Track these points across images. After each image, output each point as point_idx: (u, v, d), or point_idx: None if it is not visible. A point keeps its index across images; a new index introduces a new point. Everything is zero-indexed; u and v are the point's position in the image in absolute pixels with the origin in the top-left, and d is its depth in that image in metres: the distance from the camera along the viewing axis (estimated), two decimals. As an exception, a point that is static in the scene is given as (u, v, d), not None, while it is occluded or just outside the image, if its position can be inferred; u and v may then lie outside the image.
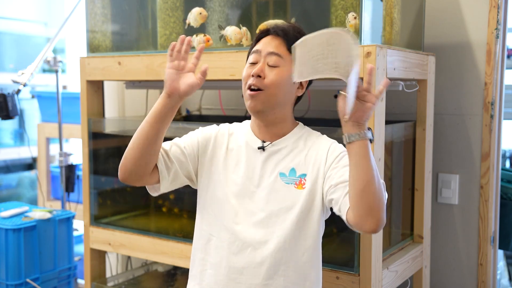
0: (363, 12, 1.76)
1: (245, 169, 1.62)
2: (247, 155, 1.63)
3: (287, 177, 1.59)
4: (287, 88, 1.58)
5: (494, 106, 2.24)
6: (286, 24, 1.63)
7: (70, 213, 2.75)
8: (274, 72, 1.55)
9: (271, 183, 1.59)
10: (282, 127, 1.63)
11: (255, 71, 1.54)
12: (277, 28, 1.59)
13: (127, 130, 2.49)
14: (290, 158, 1.60)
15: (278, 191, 1.58)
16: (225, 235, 1.59)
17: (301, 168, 1.59)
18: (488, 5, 2.22)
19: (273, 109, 1.58)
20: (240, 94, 2.63)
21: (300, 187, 1.57)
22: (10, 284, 2.50)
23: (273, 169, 1.60)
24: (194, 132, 1.71)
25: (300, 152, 1.61)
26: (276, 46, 1.57)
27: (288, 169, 1.59)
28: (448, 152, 2.36)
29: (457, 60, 2.32)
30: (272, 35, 1.59)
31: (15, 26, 5.13)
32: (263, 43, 1.59)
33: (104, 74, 2.35)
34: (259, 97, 1.55)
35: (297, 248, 1.56)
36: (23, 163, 5.17)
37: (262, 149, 1.62)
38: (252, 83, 1.54)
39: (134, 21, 2.41)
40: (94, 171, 2.46)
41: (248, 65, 1.60)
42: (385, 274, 1.87)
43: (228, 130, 1.70)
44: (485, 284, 2.29)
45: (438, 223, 2.38)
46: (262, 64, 1.56)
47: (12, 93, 2.67)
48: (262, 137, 1.64)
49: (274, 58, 1.56)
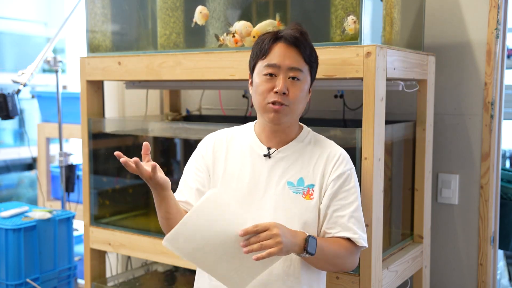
0: (363, 12, 1.76)
1: (250, 177, 1.60)
2: (252, 161, 1.62)
3: (295, 187, 1.58)
4: (306, 99, 1.61)
5: (494, 106, 2.24)
6: (295, 30, 1.57)
7: (70, 213, 2.75)
8: (296, 87, 1.55)
9: (279, 192, 1.58)
10: (289, 132, 1.63)
11: (281, 89, 1.52)
12: (291, 37, 1.55)
13: (127, 130, 2.50)
14: (298, 167, 1.60)
15: (285, 200, 1.57)
16: None
17: (309, 178, 1.58)
18: (488, 5, 2.22)
19: (292, 119, 1.60)
20: (240, 94, 2.64)
21: (308, 197, 1.57)
22: (10, 284, 2.50)
23: (280, 177, 1.59)
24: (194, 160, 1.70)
25: (308, 161, 1.60)
26: (296, 60, 1.55)
27: (296, 179, 1.59)
28: (448, 152, 2.36)
29: (457, 60, 2.32)
30: (285, 44, 1.55)
31: (15, 26, 5.13)
32: (280, 55, 1.54)
33: (104, 74, 2.35)
34: (284, 112, 1.55)
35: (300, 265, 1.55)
36: (23, 163, 5.17)
37: (268, 157, 1.61)
38: (278, 100, 1.53)
39: (134, 21, 2.41)
40: (94, 171, 2.46)
41: (263, 77, 1.56)
42: (385, 274, 1.87)
43: (227, 135, 1.69)
44: (485, 284, 2.29)
45: (438, 223, 2.38)
46: (283, 79, 1.54)
47: (12, 93, 2.67)
48: (268, 143, 1.63)
49: (295, 73, 1.55)
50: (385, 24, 1.93)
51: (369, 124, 1.72)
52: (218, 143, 1.68)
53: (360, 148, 1.74)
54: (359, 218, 1.57)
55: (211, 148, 1.68)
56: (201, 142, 1.72)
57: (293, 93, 1.54)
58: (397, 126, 2.07)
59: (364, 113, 1.73)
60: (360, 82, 1.75)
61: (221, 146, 1.67)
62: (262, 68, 1.56)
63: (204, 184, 1.66)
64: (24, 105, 4.69)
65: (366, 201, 1.74)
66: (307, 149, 1.62)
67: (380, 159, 1.77)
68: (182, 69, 2.10)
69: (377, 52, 1.70)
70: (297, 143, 1.63)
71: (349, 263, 1.57)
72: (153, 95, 3.00)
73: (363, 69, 1.70)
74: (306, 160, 1.60)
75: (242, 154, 1.64)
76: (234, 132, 1.71)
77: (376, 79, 1.70)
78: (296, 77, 1.55)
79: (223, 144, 1.67)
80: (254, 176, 1.60)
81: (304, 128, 1.68)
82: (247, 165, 1.62)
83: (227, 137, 1.69)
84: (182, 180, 1.70)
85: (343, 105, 2.40)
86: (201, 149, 1.70)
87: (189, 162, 1.71)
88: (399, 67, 1.87)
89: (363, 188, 1.74)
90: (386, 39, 1.93)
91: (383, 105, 1.77)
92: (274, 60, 1.54)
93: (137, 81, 2.43)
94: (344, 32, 1.80)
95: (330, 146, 1.63)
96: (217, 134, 1.72)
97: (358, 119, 1.92)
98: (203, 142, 1.72)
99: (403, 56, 1.91)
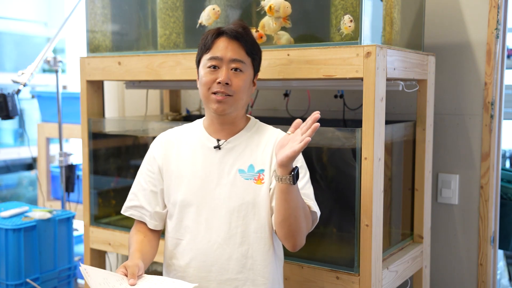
0: (363, 12, 1.76)
1: (202, 170, 1.68)
2: (203, 154, 1.69)
3: (246, 173, 1.66)
4: (249, 90, 1.69)
5: (494, 106, 2.24)
6: (237, 26, 1.66)
7: (70, 213, 2.75)
8: (239, 78, 1.64)
9: (231, 180, 1.65)
10: (237, 124, 1.71)
11: (224, 79, 1.61)
12: (232, 31, 1.64)
13: (127, 130, 2.49)
14: (248, 154, 1.68)
15: (238, 187, 1.65)
16: (190, 237, 1.66)
17: (259, 164, 1.66)
18: (488, 5, 2.22)
19: (237, 110, 1.67)
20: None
21: (260, 182, 1.65)
22: (10, 284, 2.50)
23: (232, 166, 1.67)
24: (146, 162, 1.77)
25: (256, 148, 1.68)
26: (238, 52, 1.64)
27: (246, 166, 1.66)
28: (448, 152, 2.36)
29: (457, 60, 2.32)
30: (228, 38, 1.64)
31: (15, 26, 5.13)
32: (222, 48, 1.63)
33: (104, 74, 2.35)
34: (228, 102, 1.63)
35: (261, 241, 1.64)
36: (23, 163, 5.17)
37: (218, 148, 1.68)
38: (221, 90, 1.62)
39: (134, 21, 2.41)
40: (94, 171, 2.46)
41: (207, 69, 1.64)
42: (385, 274, 1.87)
43: (176, 134, 1.77)
44: (485, 284, 2.29)
45: (438, 223, 2.38)
46: (226, 71, 1.62)
47: (12, 93, 2.67)
48: (217, 136, 1.70)
49: (237, 65, 1.63)
50: (385, 24, 1.93)
51: (369, 124, 1.72)
52: (168, 143, 1.75)
53: (360, 148, 1.74)
54: (310, 190, 1.65)
55: (162, 148, 1.75)
56: (152, 144, 1.79)
57: (236, 84, 1.62)
58: (397, 126, 2.07)
59: (364, 113, 1.73)
60: (360, 82, 1.75)
61: (171, 145, 1.75)
62: (206, 61, 1.65)
63: (156, 185, 1.73)
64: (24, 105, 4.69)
65: (366, 201, 1.74)
66: (254, 137, 1.70)
67: (380, 159, 1.77)
68: (182, 69, 2.11)
69: (377, 52, 1.70)
70: (245, 132, 1.71)
71: (305, 225, 1.59)
72: (153, 95, 3.00)
73: (363, 69, 1.70)
74: (254, 147, 1.68)
75: (192, 149, 1.72)
76: (184, 129, 1.78)
77: (376, 79, 1.70)
78: (239, 69, 1.63)
79: (173, 142, 1.75)
80: (205, 168, 1.68)
81: (252, 119, 1.76)
82: (198, 159, 1.69)
83: (176, 136, 1.76)
84: (136, 182, 1.77)
85: (343, 105, 2.40)
86: (152, 151, 1.76)
87: (142, 164, 1.78)
88: (399, 67, 1.87)
89: (363, 188, 1.74)
90: (386, 39, 1.93)
91: (383, 105, 1.77)
92: (217, 53, 1.63)
93: (137, 81, 2.43)
94: (340, 31, 1.80)
95: (275, 132, 1.72)
96: (166, 134, 1.79)
97: (358, 119, 1.93)
98: (153, 144, 1.78)
99: (403, 56, 1.91)
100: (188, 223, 1.67)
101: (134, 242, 1.70)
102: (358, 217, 1.76)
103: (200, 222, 1.65)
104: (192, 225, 1.66)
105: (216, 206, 1.65)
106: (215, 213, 1.65)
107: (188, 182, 1.68)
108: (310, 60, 1.80)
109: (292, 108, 2.54)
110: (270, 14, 1.88)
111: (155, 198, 1.73)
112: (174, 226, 1.70)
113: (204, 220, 1.65)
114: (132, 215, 1.76)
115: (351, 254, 1.82)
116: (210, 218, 1.65)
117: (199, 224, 1.65)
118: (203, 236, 1.65)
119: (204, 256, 1.64)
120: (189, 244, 1.66)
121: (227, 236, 1.63)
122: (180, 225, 1.68)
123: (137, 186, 1.77)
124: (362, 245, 1.76)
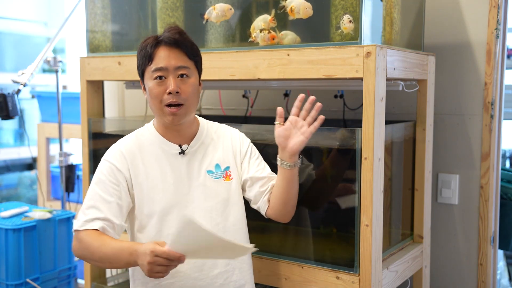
0: (363, 12, 1.76)
1: (172, 177, 1.68)
2: (169, 161, 1.70)
3: (214, 173, 1.72)
4: (198, 92, 1.71)
5: (494, 106, 2.24)
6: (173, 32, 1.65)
7: (70, 213, 2.75)
8: (187, 84, 1.65)
9: (202, 182, 1.69)
10: (192, 127, 1.74)
11: (173, 88, 1.61)
12: (171, 39, 1.63)
13: (127, 130, 2.49)
14: (211, 155, 1.74)
15: (210, 187, 1.71)
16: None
17: (224, 162, 1.74)
18: (488, 5, 2.22)
19: (190, 116, 1.70)
20: (240, 94, 2.64)
21: (228, 179, 1.74)
22: (10, 284, 2.50)
23: (199, 168, 1.70)
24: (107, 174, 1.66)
25: (216, 146, 1.74)
26: (180, 59, 1.64)
27: (213, 166, 1.73)
28: (448, 152, 2.36)
29: (457, 60, 2.32)
30: (167, 46, 1.64)
31: (15, 26, 5.13)
32: (165, 58, 1.62)
33: (104, 74, 2.35)
34: (181, 112, 1.65)
35: (240, 231, 1.74)
36: (23, 163, 5.17)
37: (183, 153, 1.70)
38: (173, 101, 1.62)
39: (134, 21, 2.41)
40: (94, 171, 2.46)
41: (154, 81, 1.63)
42: (385, 274, 1.87)
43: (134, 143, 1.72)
44: (485, 284, 2.29)
45: (438, 223, 2.38)
46: (173, 79, 1.63)
47: (12, 93, 2.67)
48: (176, 141, 1.72)
49: (183, 71, 1.64)
50: (385, 24, 1.93)
51: (369, 124, 1.72)
52: (130, 154, 1.70)
53: (360, 148, 1.74)
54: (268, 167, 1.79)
55: (125, 160, 1.68)
56: (108, 156, 1.70)
57: (185, 90, 1.64)
58: (397, 126, 2.07)
59: (364, 113, 1.73)
60: (360, 82, 1.75)
61: (134, 155, 1.70)
62: (151, 73, 1.64)
63: (122, 198, 1.65)
64: (24, 105, 4.69)
65: (366, 201, 1.74)
66: (213, 137, 1.77)
67: (380, 159, 1.77)
68: (182, 69, 2.10)
69: (377, 52, 1.70)
70: (200, 133, 1.75)
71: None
72: (153, 95, 3.00)
73: (363, 69, 1.70)
74: (215, 146, 1.75)
75: (157, 157, 1.70)
76: (139, 138, 1.74)
77: (376, 79, 1.70)
78: (185, 74, 1.65)
79: (135, 152, 1.70)
80: (175, 175, 1.69)
81: (200, 119, 1.80)
82: (166, 167, 1.69)
83: (136, 145, 1.72)
84: (95, 195, 1.64)
85: (343, 105, 2.40)
86: (113, 162, 1.67)
87: (99, 177, 1.67)
88: (399, 67, 1.87)
89: (363, 188, 1.74)
90: (386, 39, 1.93)
91: (383, 105, 1.77)
92: (160, 63, 1.63)
93: (137, 81, 2.43)
94: (338, 31, 1.80)
95: (227, 129, 1.82)
96: (125, 144, 1.72)
97: (358, 119, 1.92)
98: (112, 155, 1.69)
99: (403, 56, 1.91)
100: (169, 231, 1.65)
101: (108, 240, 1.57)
102: (358, 217, 1.76)
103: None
104: (171, 233, 1.62)
105: (194, 209, 1.68)
106: (194, 216, 1.62)
107: (161, 191, 1.67)
108: (310, 60, 1.79)
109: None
110: (291, 16, 1.84)
111: (120, 211, 1.64)
112: (153, 237, 1.65)
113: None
114: (92, 226, 1.59)
115: (351, 254, 1.82)
116: None
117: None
118: None
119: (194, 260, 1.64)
120: None
121: None
122: (160, 235, 1.65)
123: (96, 198, 1.63)
124: (362, 245, 1.76)
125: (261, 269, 1.97)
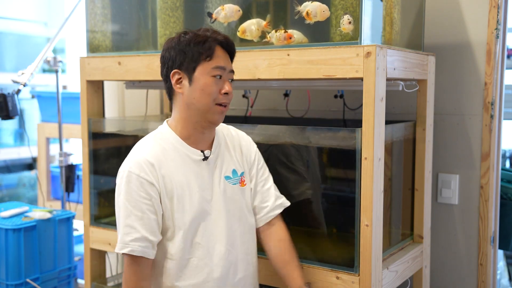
0: (363, 12, 1.76)
1: (197, 185, 1.67)
2: (192, 169, 1.67)
3: (232, 179, 1.74)
4: None
5: (494, 106, 2.24)
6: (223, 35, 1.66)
7: (70, 213, 2.75)
8: (232, 88, 1.67)
9: (222, 189, 1.71)
10: (214, 131, 1.74)
11: (230, 90, 1.64)
12: (228, 41, 1.66)
13: (127, 130, 2.49)
14: (228, 160, 1.75)
15: (229, 193, 1.72)
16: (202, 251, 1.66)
17: (239, 167, 1.76)
18: (488, 5, 2.22)
19: None
20: (240, 94, 2.64)
21: (243, 184, 1.76)
22: (10, 284, 2.50)
23: (219, 174, 1.71)
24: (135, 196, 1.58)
25: (232, 152, 1.77)
26: (230, 63, 1.68)
27: (230, 171, 1.74)
28: (448, 152, 2.36)
29: (457, 60, 2.32)
30: (223, 48, 1.65)
31: (15, 26, 5.13)
32: (224, 59, 1.64)
33: (104, 74, 2.35)
34: (225, 113, 1.67)
35: (253, 236, 1.78)
36: (23, 163, 5.17)
37: (206, 159, 1.70)
38: (227, 101, 1.65)
39: (134, 21, 2.41)
40: (94, 171, 2.46)
41: (212, 78, 1.62)
42: (385, 274, 1.87)
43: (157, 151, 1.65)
44: (485, 284, 2.29)
45: (438, 223, 2.38)
46: (227, 81, 1.65)
47: (12, 93, 2.67)
48: (197, 146, 1.70)
49: (232, 76, 1.69)
50: (385, 24, 1.93)
51: (369, 124, 1.72)
52: (158, 161, 1.63)
53: (360, 148, 1.74)
54: (274, 186, 1.85)
55: (154, 169, 1.61)
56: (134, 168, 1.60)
57: (232, 94, 1.66)
58: (397, 126, 2.07)
59: (364, 113, 1.73)
60: (360, 82, 1.75)
61: (161, 162, 1.63)
62: (209, 70, 1.62)
63: (156, 212, 1.61)
64: (24, 105, 4.69)
65: (366, 201, 1.74)
66: (227, 141, 1.78)
67: (380, 159, 1.77)
68: (182, 69, 2.10)
69: (377, 52, 1.70)
70: (217, 137, 1.75)
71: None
72: (153, 95, 3.00)
73: (363, 69, 1.70)
74: (230, 152, 1.77)
75: (181, 164, 1.66)
76: (160, 144, 1.67)
77: (376, 79, 1.70)
78: (233, 79, 1.69)
79: (161, 159, 1.63)
80: (199, 182, 1.68)
81: None
82: (189, 174, 1.67)
83: (160, 151, 1.65)
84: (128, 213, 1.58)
85: (343, 105, 2.40)
86: (142, 175, 1.59)
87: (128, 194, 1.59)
88: (399, 67, 1.87)
89: (363, 188, 1.74)
90: (386, 39, 1.93)
91: (383, 105, 1.77)
92: (221, 62, 1.63)
93: (137, 81, 2.43)
94: (337, 30, 1.80)
95: (237, 133, 1.83)
96: (147, 152, 1.63)
97: (358, 119, 1.92)
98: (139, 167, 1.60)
99: (403, 56, 1.91)
100: (197, 240, 1.66)
101: None
102: (358, 217, 1.76)
103: (208, 235, 1.67)
104: (202, 241, 1.66)
105: (217, 216, 1.69)
106: (217, 223, 1.69)
107: (189, 200, 1.65)
108: (310, 60, 1.79)
109: (292, 108, 2.54)
110: (308, 20, 1.80)
111: (157, 226, 1.61)
112: (183, 246, 1.63)
113: (211, 233, 1.68)
114: (132, 251, 1.56)
115: (351, 254, 1.82)
116: (214, 228, 1.68)
117: (208, 237, 1.67)
118: (213, 247, 1.67)
119: (221, 267, 1.67)
120: (203, 259, 1.66)
121: (232, 241, 1.70)
122: (190, 244, 1.65)
123: (130, 217, 1.58)
124: (362, 245, 1.76)
125: (261, 269, 1.97)
